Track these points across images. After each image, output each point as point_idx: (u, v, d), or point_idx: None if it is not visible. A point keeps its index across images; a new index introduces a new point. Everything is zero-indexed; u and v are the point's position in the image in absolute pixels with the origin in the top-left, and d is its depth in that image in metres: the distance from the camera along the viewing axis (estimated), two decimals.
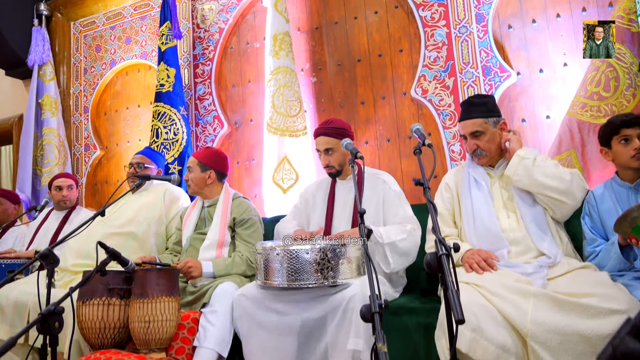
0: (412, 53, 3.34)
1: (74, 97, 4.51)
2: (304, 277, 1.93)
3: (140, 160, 3.02)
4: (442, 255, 1.28)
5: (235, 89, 3.88)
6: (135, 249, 2.71)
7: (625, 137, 2.01)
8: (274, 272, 1.97)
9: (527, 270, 1.85)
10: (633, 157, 1.98)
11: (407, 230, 2.22)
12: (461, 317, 1.12)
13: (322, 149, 2.44)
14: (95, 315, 1.96)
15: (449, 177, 2.35)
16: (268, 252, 2.01)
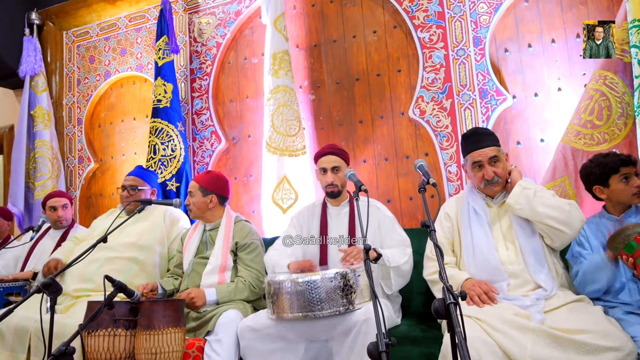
0: (410, 74, 3.39)
1: (67, 109, 4.46)
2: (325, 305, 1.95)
3: (133, 183, 2.97)
4: (450, 304, 1.32)
5: (233, 104, 3.88)
6: (137, 272, 2.71)
7: (626, 176, 2.11)
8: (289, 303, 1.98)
9: (526, 303, 1.90)
10: (635, 194, 2.10)
11: (407, 253, 2.35)
12: None
13: (330, 167, 2.50)
14: (101, 346, 1.97)
15: (449, 207, 2.36)
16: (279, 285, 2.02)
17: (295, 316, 1.98)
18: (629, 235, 1.81)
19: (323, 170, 2.52)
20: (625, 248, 1.82)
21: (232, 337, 2.16)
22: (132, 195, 2.94)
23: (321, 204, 2.63)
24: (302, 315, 1.96)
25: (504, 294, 1.99)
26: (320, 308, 1.95)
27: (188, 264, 2.60)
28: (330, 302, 1.96)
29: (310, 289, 1.96)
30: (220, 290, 2.39)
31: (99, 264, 2.67)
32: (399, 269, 2.27)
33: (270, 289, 2.06)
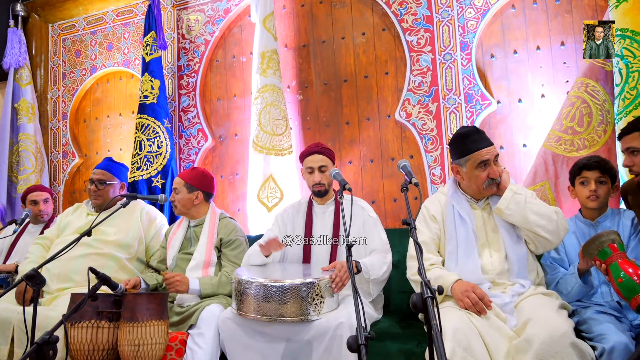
0: (398, 76, 3.43)
1: (52, 103, 4.42)
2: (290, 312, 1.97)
3: (101, 177, 2.86)
4: (427, 298, 1.35)
5: (220, 102, 3.88)
6: (117, 269, 2.69)
7: (584, 180, 2.21)
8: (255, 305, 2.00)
9: (504, 300, 1.96)
10: (588, 197, 2.19)
11: (387, 262, 2.36)
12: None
13: (317, 166, 2.50)
14: (84, 338, 1.97)
15: (434, 208, 2.29)
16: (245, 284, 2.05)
17: (258, 318, 2.01)
18: (602, 242, 1.86)
19: (310, 170, 2.52)
20: (599, 254, 1.87)
21: (214, 330, 2.17)
22: (100, 190, 2.85)
23: (307, 202, 2.65)
24: (265, 318, 1.99)
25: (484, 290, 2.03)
26: (284, 314, 1.97)
27: (172, 260, 2.61)
28: (295, 309, 1.98)
29: (277, 295, 1.98)
30: (204, 281, 2.40)
31: (77, 262, 2.64)
32: (378, 280, 2.31)
33: (238, 287, 2.08)
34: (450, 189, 2.26)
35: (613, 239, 1.86)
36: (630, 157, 2.11)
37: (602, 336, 1.78)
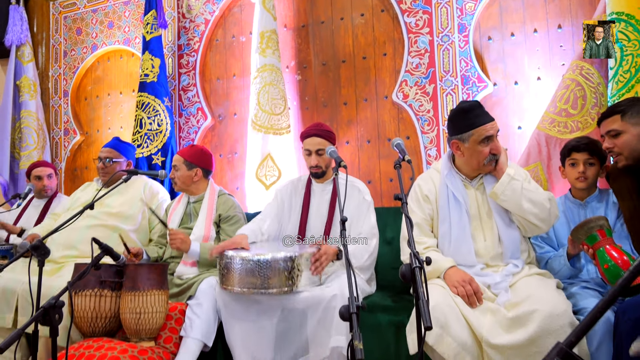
0: (396, 58, 3.46)
1: (53, 80, 4.45)
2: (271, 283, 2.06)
3: (108, 155, 3.02)
4: (415, 268, 1.42)
5: (219, 82, 3.92)
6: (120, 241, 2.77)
7: (573, 161, 2.27)
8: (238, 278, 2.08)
9: (496, 279, 2.01)
10: (577, 179, 2.25)
11: (369, 250, 2.40)
12: (429, 324, 1.27)
13: (314, 149, 2.53)
14: (87, 306, 2.05)
15: (427, 188, 2.27)
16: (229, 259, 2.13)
17: (241, 291, 2.09)
18: (591, 228, 1.92)
19: (307, 152, 2.56)
20: (588, 239, 1.92)
21: (212, 301, 2.26)
22: (107, 167, 2.99)
23: (306, 179, 2.70)
24: (247, 291, 2.07)
25: (476, 270, 2.08)
26: (264, 286, 2.05)
27: None
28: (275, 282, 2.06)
29: (259, 268, 2.05)
30: (204, 246, 2.49)
31: (82, 232, 2.75)
32: (361, 268, 2.37)
33: (221, 262, 2.16)
34: (445, 168, 2.23)
35: (601, 225, 1.91)
36: (610, 140, 2.12)
37: (586, 309, 1.86)
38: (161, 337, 2.17)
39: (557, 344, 0.78)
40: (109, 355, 1.87)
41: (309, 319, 2.12)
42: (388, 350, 2.16)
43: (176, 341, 2.18)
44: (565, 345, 0.76)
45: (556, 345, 0.78)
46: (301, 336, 2.13)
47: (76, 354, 1.90)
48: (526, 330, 1.74)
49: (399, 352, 2.12)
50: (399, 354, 2.12)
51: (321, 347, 2.04)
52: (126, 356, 1.89)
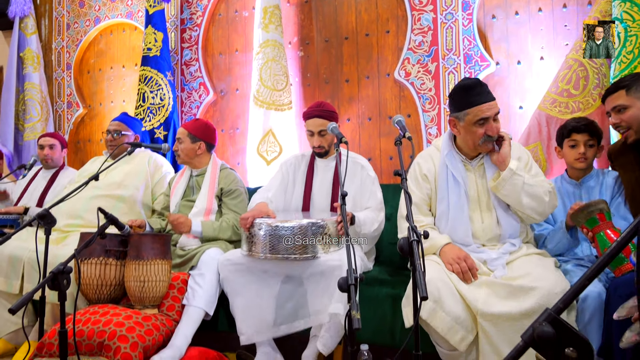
0: (399, 35, 3.45)
1: (56, 53, 4.44)
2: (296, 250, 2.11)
3: (117, 128, 3.10)
4: (413, 241, 1.46)
5: (222, 57, 3.91)
6: (125, 210, 2.84)
7: (574, 142, 2.28)
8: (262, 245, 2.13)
9: (492, 256, 2.05)
10: (577, 159, 2.27)
11: (379, 220, 2.46)
12: (425, 294, 1.30)
13: (317, 130, 2.55)
14: (93, 273, 2.12)
15: (426, 167, 2.26)
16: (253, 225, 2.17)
17: (266, 257, 2.14)
18: (591, 212, 1.94)
19: (310, 133, 2.58)
20: (587, 223, 1.94)
21: (214, 272, 2.32)
22: (116, 140, 3.07)
23: (310, 155, 2.74)
24: (272, 257, 2.12)
25: (473, 247, 2.12)
26: (290, 253, 2.10)
27: (175, 206, 2.74)
28: (301, 248, 2.11)
29: (284, 235, 2.10)
30: (205, 224, 2.54)
31: (87, 202, 2.81)
32: (370, 236, 2.43)
33: (250, 229, 2.20)
34: (446, 147, 2.21)
35: (601, 208, 1.93)
36: (617, 116, 2.14)
37: None
38: (164, 305, 2.23)
39: (545, 310, 0.82)
40: (115, 320, 1.94)
41: (309, 286, 2.19)
42: (385, 322, 2.22)
43: (179, 309, 2.25)
44: (553, 311, 0.81)
45: (545, 311, 0.82)
46: (302, 303, 2.20)
47: (82, 319, 1.97)
48: (522, 304, 1.79)
49: (395, 323, 2.19)
50: (394, 326, 2.19)
51: (320, 313, 2.12)
52: (131, 322, 1.96)
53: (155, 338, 2.00)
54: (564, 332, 0.85)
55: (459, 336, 1.83)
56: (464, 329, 1.84)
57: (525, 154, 2.21)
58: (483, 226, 2.13)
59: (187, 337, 2.18)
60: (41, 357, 1.89)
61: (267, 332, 2.20)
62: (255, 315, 2.22)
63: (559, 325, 0.84)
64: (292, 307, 2.20)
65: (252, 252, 2.17)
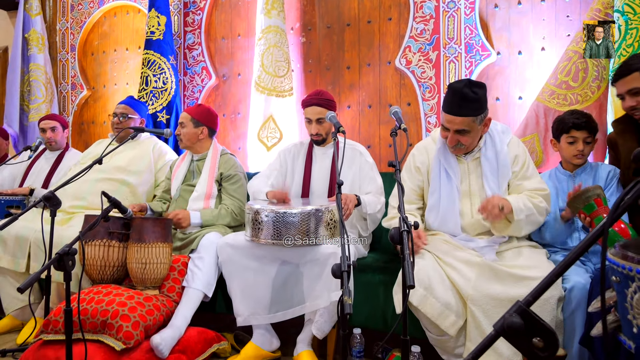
0: (400, 23, 3.45)
1: (61, 34, 4.46)
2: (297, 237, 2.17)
3: (124, 111, 3.15)
4: (403, 232, 1.52)
5: (224, 41, 3.93)
6: (127, 194, 2.91)
7: (573, 139, 2.28)
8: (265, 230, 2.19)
9: (480, 244, 2.11)
10: (575, 156, 2.29)
11: (381, 202, 2.54)
12: (412, 283, 1.37)
13: (315, 118, 2.59)
14: (97, 255, 2.20)
15: (420, 159, 2.32)
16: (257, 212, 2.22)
17: (267, 242, 2.19)
18: (589, 197, 1.98)
19: (308, 120, 2.63)
20: (585, 208, 1.99)
21: (213, 255, 2.40)
22: (122, 122, 3.11)
23: (308, 143, 2.78)
24: (274, 242, 2.17)
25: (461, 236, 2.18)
26: (291, 239, 2.16)
27: (176, 190, 2.80)
28: (305, 234, 2.16)
29: (286, 221, 2.16)
30: (205, 214, 2.60)
31: (91, 184, 2.88)
32: (374, 216, 2.50)
33: (255, 216, 2.26)
34: (440, 141, 2.23)
35: (598, 194, 1.98)
36: (633, 98, 2.12)
37: (566, 277, 1.96)
38: (165, 286, 2.31)
39: (516, 302, 0.88)
40: (117, 300, 2.02)
41: (305, 273, 2.25)
42: (377, 307, 2.29)
43: (179, 291, 2.33)
44: (523, 303, 0.87)
45: (515, 303, 0.88)
46: (298, 289, 2.27)
47: (87, 298, 2.05)
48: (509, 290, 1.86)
49: (387, 308, 2.26)
50: (387, 311, 2.26)
51: (317, 299, 2.19)
52: (133, 302, 2.04)
53: (156, 318, 2.09)
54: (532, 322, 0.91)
55: (449, 321, 1.91)
56: (454, 314, 1.92)
57: (523, 152, 2.22)
58: (473, 221, 2.18)
59: (187, 318, 2.26)
60: (47, 334, 1.97)
61: (263, 315, 2.28)
62: (252, 297, 2.29)
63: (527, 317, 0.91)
64: (288, 294, 2.27)
65: (256, 238, 2.22)
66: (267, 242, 2.19)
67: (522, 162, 2.20)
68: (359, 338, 2.19)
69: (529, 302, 0.94)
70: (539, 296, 0.94)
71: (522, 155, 2.20)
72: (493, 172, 2.17)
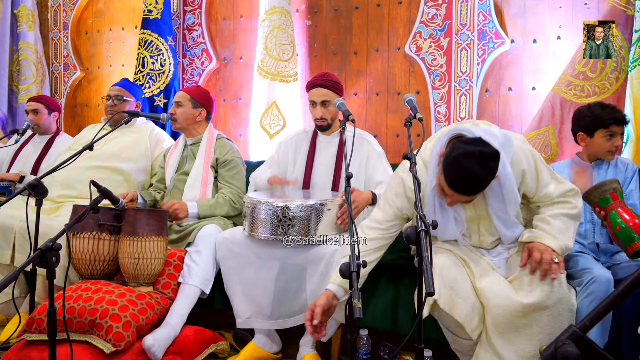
0: (411, 7, 3.30)
1: (53, 11, 4.26)
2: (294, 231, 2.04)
3: (118, 93, 2.99)
4: (421, 231, 1.38)
5: (226, 22, 3.76)
6: (121, 182, 2.77)
7: (611, 134, 2.15)
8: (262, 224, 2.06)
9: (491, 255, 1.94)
10: (610, 151, 2.18)
11: None
12: (432, 290, 1.24)
13: (319, 100, 2.44)
14: (85, 248, 2.05)
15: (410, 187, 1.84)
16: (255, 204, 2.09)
17: (265, 236, 2.07)
18: (605, 191, 1.91)
19: (312, 103, 2.47)
20: (600, 202, 1.92)
21: (211, 249, 2.26)
22: (117, 105, 2.95)
23: (312, 131, 2.63)
24: (271, 237, 2.05)
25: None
26: (289, 233, 2.03)
27: (170, 180, 2.67)
28: (303, 231, 2.04)
29: (284, 215, 2.03)
30: (201, 203, 2.47)
31: (81, 172, 2.72)
32: None
33: (247, 207, 2.14)
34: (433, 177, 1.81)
35: (614, 188, 1.91)
36: None
37: (587, 270, 1.85)
38: (159, 282, 2.19)
39: (569, 327, 0.75)
40: (107, 298, 1.89)
41: (308, 275, 2.12)
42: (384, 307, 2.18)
43: (174, 287, 2.20)
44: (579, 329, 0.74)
45: (569, 328, 0.75)
46: (301, 293, 2.15)
47: (74, 295, 1.92)
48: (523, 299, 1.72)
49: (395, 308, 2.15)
50: (395, 311, 2.15)
51: None
52: (124, 300, 1.91)
53: (150, 317, 1.96)
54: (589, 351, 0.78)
55: (474, 324, 1.77)
56: (478, 316, 1.77)
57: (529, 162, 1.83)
58: (480, 239, 1.93)
59: (182, 316, 2.14)
60: (30, 333, 1.84)
61: (264, 320, 2.17)
62: (253, 298, 2.17)
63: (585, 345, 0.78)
64: (290, 298, 2.15)
65: (253, 232, 2.10)
66: (266, 237, 2.07)
67: (533, 174, 1.84)
68: (365, 339, 2.07)
69: (585, 327, 0.81)
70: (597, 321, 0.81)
71: (529, 167, 1.83)
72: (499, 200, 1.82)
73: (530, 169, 1.82)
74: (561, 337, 0.77)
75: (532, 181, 1.84)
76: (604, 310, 0.76)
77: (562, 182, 1.89)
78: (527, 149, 1.85)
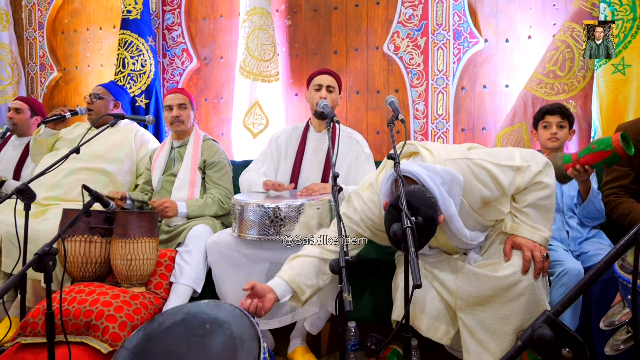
0: (389, 7, 3.38)
1: (27, 10, 4.18)
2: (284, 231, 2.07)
3: (97, 91, 2.97)
4: (407, 228, 1.43)
5: (206, 22, 3.77)
6: (106, 184, 2.75)
7: (546, 124, 2.40)
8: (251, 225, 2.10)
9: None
10: (549, 139, 2.39)
11: None
12: (419, 282, 1.28)
13: (326, 84, 2.50)
14: (77, 251, 2.07)
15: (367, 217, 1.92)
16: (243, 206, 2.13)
17: (253, 237, 2.09)
18: (557, 155, 2.08)
19: (318, 87, 2.50)
20: (564, 161, 2.05)
21: (201, 249, 2.29)
22: (93, 103, 2.92)
23: (303, 127, 2.64)
24: (260, 238, 2.08)
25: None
26: (278, 233, 2.06)
27: (157, 182, 2.68)
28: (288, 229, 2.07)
29: (272, 215, 2.06)
30: (190, 204, 2.50)
31: (67, 174, 2.70)
32: None
33: (235, 209, 2.17)
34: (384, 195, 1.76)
35: (558, 152, 2.15)
36: None
37: (559, 262, 1.96)
38: (151, 283, 2.22)
39: (544, 312, 0.85)
40: (101, 300, 1.92)
41: None
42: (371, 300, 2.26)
43: (166, 287, 2.24)
44: (552, 313, 0.83)
45: (543, 312, 0.85)
46: None
47: (68, 297, 1.94)
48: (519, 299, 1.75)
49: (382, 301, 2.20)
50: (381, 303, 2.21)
51: (310, 304, 2.07)
52: (118, 301, 1.94)
53: (144, 317, 1.99)
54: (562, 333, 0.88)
55: (441, 332, 1.83)
56: (444, 324, 1.83)
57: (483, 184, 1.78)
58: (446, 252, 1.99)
59: None
60: (25, 336, 1.86)
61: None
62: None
63: (557, 327, 0.88)
64: None
65: (242, 233, 2.14)
66: (256, 238, 2.09)
67: (493, 186, 1.79)
68: (353, 331, 2.15)
69: (557, 312, 0.91)
70: (568, 305, 0.90)
71: (486, 185, 1.78)
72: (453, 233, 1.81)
73: (488, 186, 1.77)
74: (537, 321, 0.86)
75: (497, 191, 1.79)
76: (574, 296, 0.86)
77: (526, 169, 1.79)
78: (474, 168, 1.77)
